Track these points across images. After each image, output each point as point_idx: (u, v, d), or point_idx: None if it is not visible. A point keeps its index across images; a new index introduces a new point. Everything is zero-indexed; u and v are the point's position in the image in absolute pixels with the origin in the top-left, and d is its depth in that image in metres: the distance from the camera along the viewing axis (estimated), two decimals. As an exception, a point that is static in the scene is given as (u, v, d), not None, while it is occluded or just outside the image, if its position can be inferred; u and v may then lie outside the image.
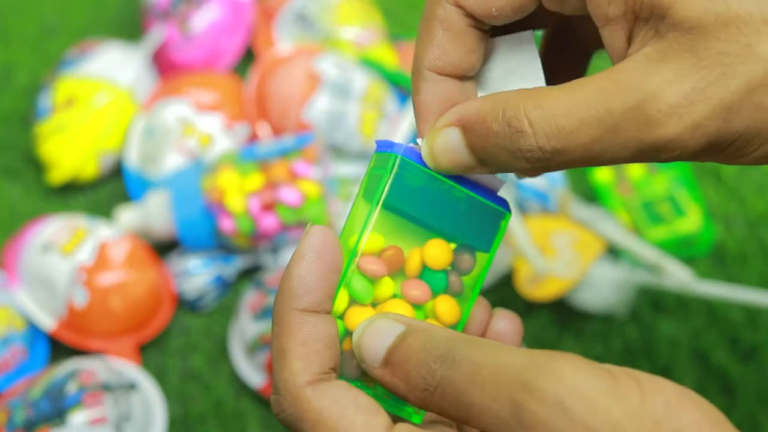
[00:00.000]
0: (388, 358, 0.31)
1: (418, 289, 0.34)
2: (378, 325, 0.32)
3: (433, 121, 0.34)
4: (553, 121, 0.30)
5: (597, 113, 0.30)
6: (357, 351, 0.32)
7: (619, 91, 0.30)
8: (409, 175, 0.33)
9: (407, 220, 0.34)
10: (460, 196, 0.34)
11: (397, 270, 0.34)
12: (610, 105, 0.30)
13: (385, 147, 0.34)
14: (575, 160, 0.31)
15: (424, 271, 0.34)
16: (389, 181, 0.33)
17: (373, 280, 0.33)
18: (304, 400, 0.31)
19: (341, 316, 0.33)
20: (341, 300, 0.33)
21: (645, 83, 0.30)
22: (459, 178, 0.34)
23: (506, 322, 0.36)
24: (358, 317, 0.33)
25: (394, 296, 0.34)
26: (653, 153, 0.30)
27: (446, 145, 0.33)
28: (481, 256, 0.35)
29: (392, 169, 0.33)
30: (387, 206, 0.33)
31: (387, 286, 0.34)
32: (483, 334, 0.36)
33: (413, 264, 0.34)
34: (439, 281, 0.34)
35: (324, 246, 0.32)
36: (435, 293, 0.34)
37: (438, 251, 0.34)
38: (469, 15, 0.34)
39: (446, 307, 0.34)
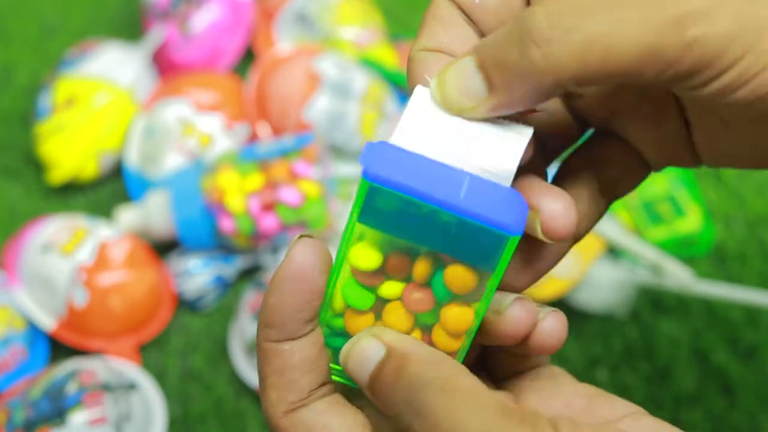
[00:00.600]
0: (371, 385, 0.30)
1: (420, 294, 0.32)
2: (361, 348, 0.31)
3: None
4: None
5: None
6: (345, 371, 0.31)
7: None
8: (382, 201, 0.30)
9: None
10: (447, 219, 0.29)
11: (402, 277, 0.32)
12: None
13: (363, 160, 0.30)
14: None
15: (433, 278, 0.32)
16: (356, 211, 0.30)
17: (370, 288, 0.32)
18: (282, 428, 0.32)
19: (341, 314, 0.32)
20: (338, 301, 0.32)
21: None
22: (447, 200, 0.29)
23: (554, 321, 0.32)
24: (355, 323, 0.32)
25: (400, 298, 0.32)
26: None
27: (456, 71, 0.30)
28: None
29: (361, 197, 0.30)
30: (367, 225, 0.30)
31: (388, 288, 0.32)
32: (527, 336, 0.32)
33: (420, 271, 0.31)
34: (444, 290, 0.32)
35: (301, 272, 0.31)
36: (440, 301, 0.32)
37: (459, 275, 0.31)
38: (459, 6, 0.33)
39: (454, 316, 0.32)
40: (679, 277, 0.66)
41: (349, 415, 0.32)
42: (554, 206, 0.30)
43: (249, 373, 0.66)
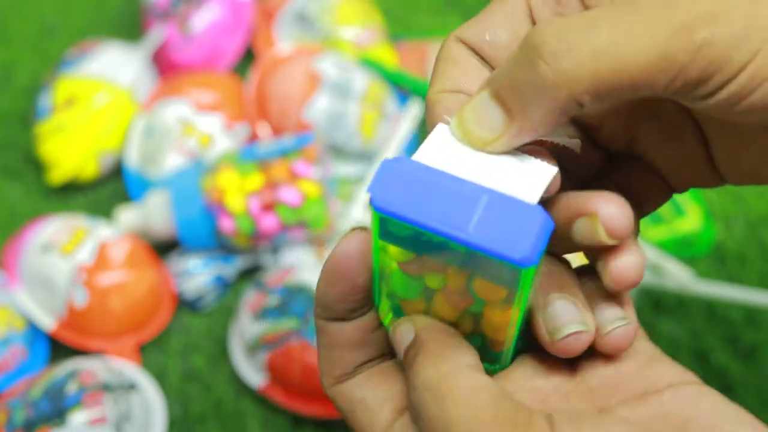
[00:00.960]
0: (403, 363, 0.32)
1: (458, 296, 0.31)
2: (399, 330, 0.32)
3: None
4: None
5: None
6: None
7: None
8: (394, 227, 0.30)
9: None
10: (459, 248, 0.29)
11: (441, 274, 0.31)
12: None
13: (372, 187, 0.29)
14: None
15: (468, 282, 0.31)
16: (375, 232, 0.30)
17: (416, 278, 0.32)
18: (330, 397, 0.34)
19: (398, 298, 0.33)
20: (390, 288, 0.33)
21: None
22: (454, 232, 0.28)
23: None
24: (408, 306, 0.33)
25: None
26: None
27: (473, 105, 0.30)
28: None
29: (376, 222, 0.30)
30: (390, 243, 0.31)
31: (431, 281, 0.32)
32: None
33: (453, 279, 0.31)
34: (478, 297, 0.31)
35: (343, 268, 0.32)
36: (477, 301, 0.31)
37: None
38: (470, 47, 0.33)
39: (494, 315, 0.31)
40: (679, 277, 0.66)
41: (381, 387, 0.33)
42: (610, 207, 0.30)
43: (249, 373, 0.66)
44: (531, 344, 0.33)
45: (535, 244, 0.27)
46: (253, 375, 0.66)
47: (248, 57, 0.86)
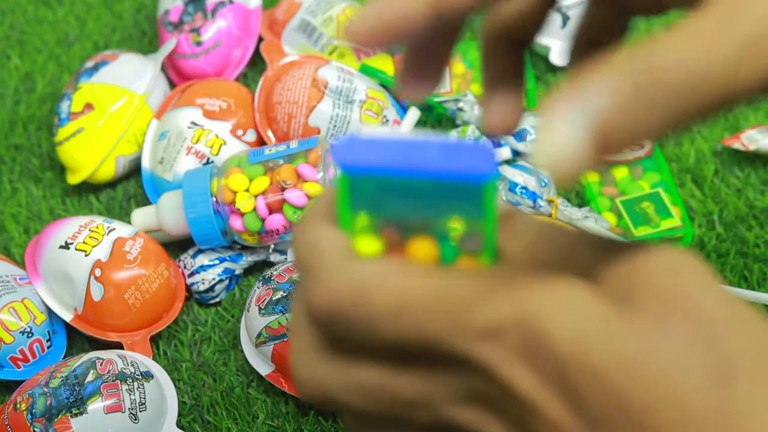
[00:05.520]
0: None
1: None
2: None
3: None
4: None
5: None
6: None
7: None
8: (363, 187, 0.31)
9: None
10: (425, 186, 0.30)
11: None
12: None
13: (336, 155, 0.30)
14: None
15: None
16: (344, 211, 0.31)
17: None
18: None
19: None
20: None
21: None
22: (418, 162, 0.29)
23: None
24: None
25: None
26: None
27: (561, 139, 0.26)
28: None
29: (346, 196, 0.31)
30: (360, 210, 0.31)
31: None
32: None
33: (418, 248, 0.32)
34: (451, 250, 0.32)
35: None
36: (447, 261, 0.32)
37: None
38: None
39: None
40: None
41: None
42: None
43: (258, 364, 0.68)
44: None
45: (490, 161, 0.29)
46: (262, 365, 0.68)
47: (257, 66, 0.88)
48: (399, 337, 0.29)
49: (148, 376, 0.66)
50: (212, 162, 0.76)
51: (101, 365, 0.65)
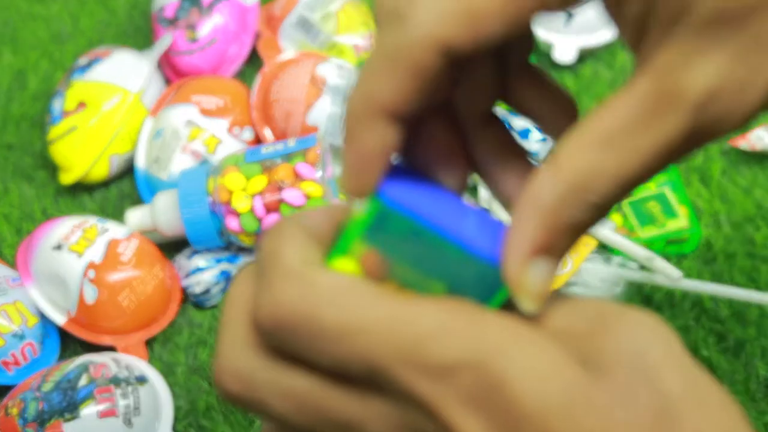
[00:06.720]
0: None
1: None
2: None
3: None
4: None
5: None
6: None
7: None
8: (392, 226, 0.29)
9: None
10: (448, 249, 0.29)
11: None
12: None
13: (384, 189, 0.30)
14: None
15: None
16: (360, 230, 0.30)
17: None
18: None
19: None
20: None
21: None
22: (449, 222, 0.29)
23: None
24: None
25: None
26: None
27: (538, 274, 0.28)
28: None
29: (372, 216, 0.30)
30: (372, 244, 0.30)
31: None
32: None
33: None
34: None
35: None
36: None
37: None
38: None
39: None
40: (668, 274, 0.68)
41: None
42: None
43: None
44: None
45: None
46: (258, 369, 0.67)
47: (253, 63, 0.87)
48: (343, 359, 0.28)
49: (142, 380, 0.66)
50: (208, 161, 0.76)
51: (95, 369, 0.64)
